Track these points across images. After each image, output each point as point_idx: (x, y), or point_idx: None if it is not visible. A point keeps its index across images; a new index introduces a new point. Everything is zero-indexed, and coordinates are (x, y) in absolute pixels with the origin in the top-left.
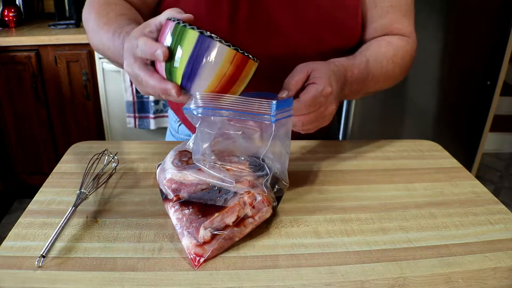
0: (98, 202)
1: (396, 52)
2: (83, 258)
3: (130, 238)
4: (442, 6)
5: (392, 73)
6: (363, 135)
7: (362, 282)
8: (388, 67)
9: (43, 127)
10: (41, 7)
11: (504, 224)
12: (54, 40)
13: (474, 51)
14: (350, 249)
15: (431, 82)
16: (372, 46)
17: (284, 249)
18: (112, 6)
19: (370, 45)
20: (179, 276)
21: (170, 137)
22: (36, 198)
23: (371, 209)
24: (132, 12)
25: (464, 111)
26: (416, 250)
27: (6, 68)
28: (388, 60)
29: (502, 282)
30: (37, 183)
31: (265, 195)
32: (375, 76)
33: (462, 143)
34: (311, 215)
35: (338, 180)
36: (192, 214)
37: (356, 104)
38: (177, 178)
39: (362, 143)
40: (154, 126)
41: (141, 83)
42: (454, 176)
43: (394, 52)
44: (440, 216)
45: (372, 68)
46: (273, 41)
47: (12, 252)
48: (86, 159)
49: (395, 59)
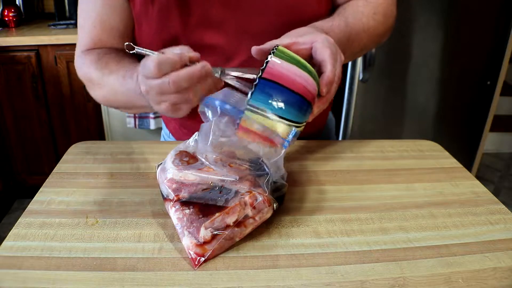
0: (98, 202)
1: (376, 10)
2: (83, 258)
3: (130, 238)
4: (442, 6)
5: (375, 30)
6: (363, 135)
7: (362, 282)
8: (370, 25)
9: (43, 127)
10: (41, 7)
11: (504, 224)
12: (54, 40)
13: (474, 51)
14: (350, 249)
15: (431, 82)
16: (350, 6)
17: (284, 249)
18: (106, 57)
19: (347, 6)
20: (179, 276)
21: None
22: (36, 198)
23: (371, 209)
24: (127, 55)
25: (464, 111)
26: (416, 250)
27: (6, 68)
28: (368, 17)
29: (502, 282)
30: (37, 183)
31: (266, 195)
32: (358, 34)
33: (462, 143)
34: (311, 215)
35: (338, 180)
36: (193, 214)
37: (356, 104)
38: (177, 178)
39: (362, 143)
40: (154, 126)
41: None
42: (454, 176)
43: (374, 10)
44: (440, 216)
45: (352, 27)
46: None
47: (12, 252)
48: (86, 159)
49: (376, 17)
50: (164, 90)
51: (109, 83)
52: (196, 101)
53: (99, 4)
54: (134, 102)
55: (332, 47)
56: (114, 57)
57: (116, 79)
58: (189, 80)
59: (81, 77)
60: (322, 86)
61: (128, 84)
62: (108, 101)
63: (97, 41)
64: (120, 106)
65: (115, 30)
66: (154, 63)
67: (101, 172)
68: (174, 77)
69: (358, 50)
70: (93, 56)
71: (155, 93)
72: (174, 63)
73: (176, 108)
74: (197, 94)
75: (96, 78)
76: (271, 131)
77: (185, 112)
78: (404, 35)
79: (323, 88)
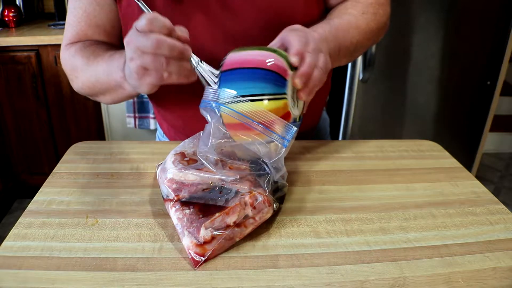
0: (98, 202)
1: (365, 10)
2: (83, 258)
3: (130, 238)
4: (442, 6)
5: (367, 27)
6: (363, 135)
7: (362, 282)
8: (359, 22)
9: (43, 127)
10: (41, 7)
11: (504, 224)
12: (54, 40)
13: (474, 51)
14: (350, 249)
15: (431, 82)
16: (337, 9)
17: (284, 249)
18: (93, 46)
19: (335, 9)
20: (179, 276)
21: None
22: (36, 198)
23: (371, 209)
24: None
25: (464, 111)
26: (416, 250)
27: (6, 68)
28: (356, 16)
29: (502, 282)
30: (37, 183)
31: (266, 195)
32: (347, 31)
33: (462, 143)
34: (311, 215)
35: (338, 180)
36: (193, 214)
37: (356, 104)
38: (178, 178)
39: (362, 143)
40: (154, 126)
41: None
42: (454, 176)
43: (363, 10)
44: (440, 216)
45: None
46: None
47: (12, 252)
48: (86, 159)
49: (366, 15)
50: (143, 46)
51: (93, 66)
52: (166, 75)
53: (86, 2)
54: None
55: (297, 30)
56: (101, 46)
57: (102, 59)
58: (168, 49)
59: (67, 68)
60: (290, 57)
61: (112, 59)
62: (89, 86)
63: (82, 35)
64: (100, 90)
65: (101, 28)
66: (147, 17)
67: (101, 172)
68: (158, 37)
69: (353, 47)
70: (78, 45)
71: (134, 47)
72: (165, 25)
73: (145, 72)
74: (169, 69)
75: (81, 64)
76: (251, 115)
77: (151, 81)
78: (404, 35)
79: (292, 58)
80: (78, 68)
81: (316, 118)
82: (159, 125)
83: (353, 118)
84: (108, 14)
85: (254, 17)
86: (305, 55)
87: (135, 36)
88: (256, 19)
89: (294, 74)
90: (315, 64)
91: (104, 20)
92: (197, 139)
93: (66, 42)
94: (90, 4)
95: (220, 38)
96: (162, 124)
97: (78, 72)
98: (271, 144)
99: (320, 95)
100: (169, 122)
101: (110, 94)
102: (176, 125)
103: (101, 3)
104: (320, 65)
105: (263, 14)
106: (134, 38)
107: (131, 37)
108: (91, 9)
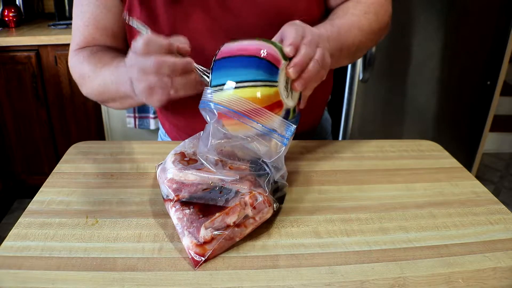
0: (98, 202)
1: (367, 9)
2: (83, 258)
3: (130, 238)
4: (442, 6)
5: (369, 27)
6: (363, 135)
7: (362, 282)
8: (361, 22)
9: (43, 127)
10: (41, 7)
11: (504, 224)
12: (54, 40)
13: (474, 51)
14: (350, 249)
15: (431, 82)
16: (339, 9)
17: (284, 249)
18: (100, 53)
19: (337, 9)
20: (179, 276)
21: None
22: (36, 198)
23: (371, 209)
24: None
25: (464, 111)
26: (416, 250)
27: (6, 68)
28: (359, 16)
29: (502, 282)
30: (37, 183)
31: (266, 195)
32: (349, 30)
33: (462, 143)
34: (311, 215)
35: (338, 180)
36: (193, 214)
37: (356, 104)
38: (178, 178)
39: (362, 143)
40: (154, 126)
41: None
42: (454, 176)
43: (365, 10)
44: (440, 216)
45: (340, 25)
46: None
47: (12, 252)
48: (86, 159)
49: (368, 15)
50: (145, 68)
51: (101, 74)
52: (173, 92)
53: (93, 5)
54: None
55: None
56: (108, 53)
57: (109, 69)
58: (170, 68)
59: (75, 74)
60: (284, 46)
61: (119, 70)
62: (98, 93)
63: (90, 40)
64: (109, 98)
65: (109, 30)
66: (143, 40)
67: (101, 172)
68: (157, 59)
69: (355, 47)
70: (86, 52)
71: (137, 69)
72: (161, 45)
73: (152, 91)
74: (175, 85)
75: (89, 71)
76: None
77: (160, 98)
78: (404, 35)
79: (286, 49)
80: (86, 75)
81: (317, 117)
82: (161, 124)
83: (353, 118)
84: (115, 16)
85: (254, 17)
86: (300, 46)
87: (135, 58)
88: (257, 19)
89: (288, 64)
90: (310, 56)
91: (112, 22)
92: (197, 139)
93: (75, 47)
94: (97, 7)
95: (221, 38)
96: (164, 123)
97: (86, 79)
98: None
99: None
100: (171, 121)
101: (120, 102)
102: (178, 124)
103: (108, 6)
104: (317, 58)
105: (263, 14)
106: (134, 60)
107: (132, 60)
108: (98, 12)
